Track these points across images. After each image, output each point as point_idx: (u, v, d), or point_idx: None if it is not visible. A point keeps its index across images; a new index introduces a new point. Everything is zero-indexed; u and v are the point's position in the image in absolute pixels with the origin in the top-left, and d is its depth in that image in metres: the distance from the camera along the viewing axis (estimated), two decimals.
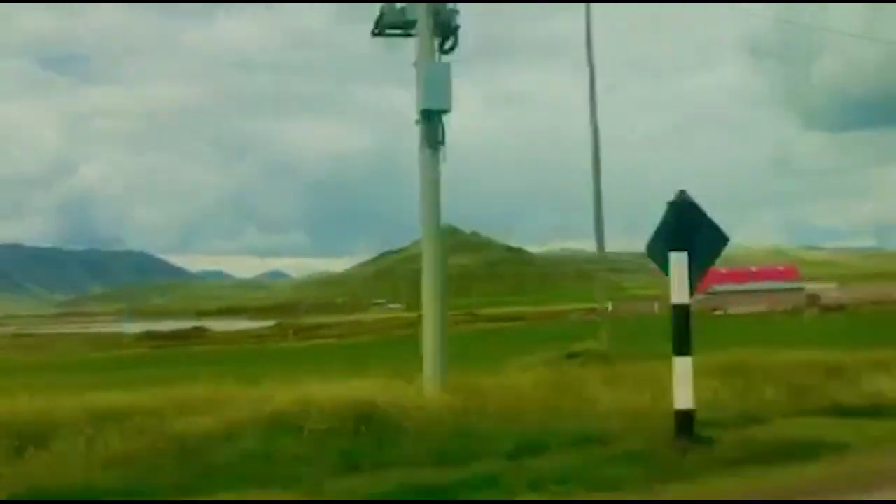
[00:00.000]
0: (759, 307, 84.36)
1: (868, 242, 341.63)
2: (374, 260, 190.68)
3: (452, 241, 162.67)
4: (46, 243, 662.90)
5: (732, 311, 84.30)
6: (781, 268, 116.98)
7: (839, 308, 77.32)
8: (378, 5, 10.50)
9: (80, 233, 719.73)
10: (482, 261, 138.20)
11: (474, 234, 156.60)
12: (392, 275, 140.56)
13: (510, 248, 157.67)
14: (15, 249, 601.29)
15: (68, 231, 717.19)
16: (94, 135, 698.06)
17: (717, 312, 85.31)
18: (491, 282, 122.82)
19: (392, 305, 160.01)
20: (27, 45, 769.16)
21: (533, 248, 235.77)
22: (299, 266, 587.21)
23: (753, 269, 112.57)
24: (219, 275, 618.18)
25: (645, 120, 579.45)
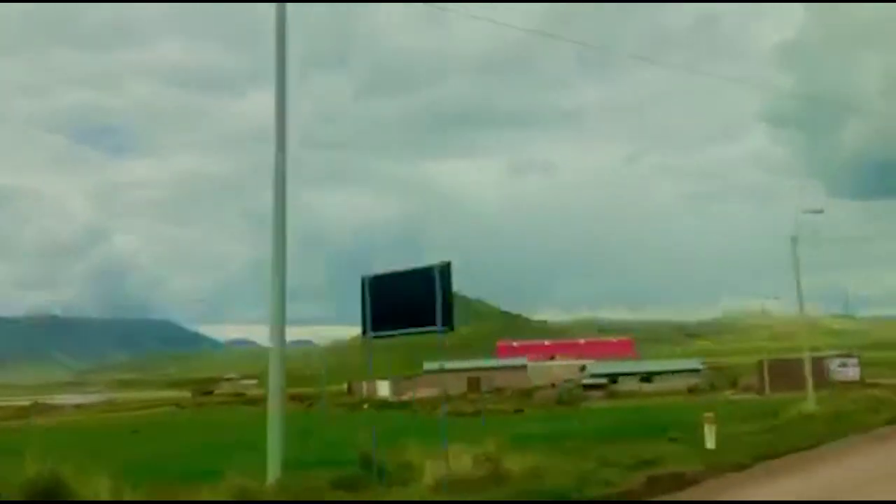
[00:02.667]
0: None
1: None
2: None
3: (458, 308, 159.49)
4: (76, 313, 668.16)
5: (421, 394, 77.81)
6: (615, 341, 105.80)
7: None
8: None
9: (109, 302, 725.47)
10: (481, 330, 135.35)
11: (479, 301, 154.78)
12: (398, 343, 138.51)
13: (510, 317, 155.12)
14: (44, 319, 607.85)
15: (97, 301, 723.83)
16: (126, 206, 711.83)
17: (404, 398, 77.40)
18: (485, 351, 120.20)
19: (245, 381, 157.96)
20: (62, 118, 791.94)
21: (541, 317, 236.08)
22: (328, 334, 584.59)
23: (581, 341, 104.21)
24: (246, 343, 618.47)
25: (669, 188, 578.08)
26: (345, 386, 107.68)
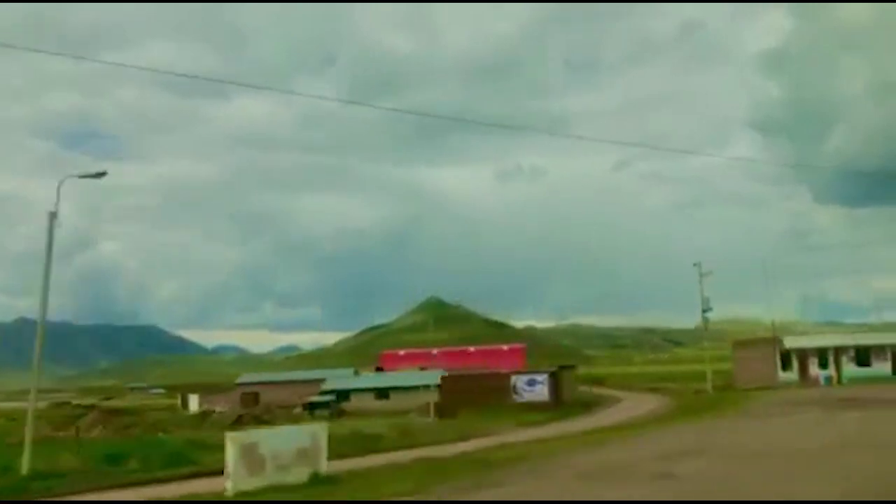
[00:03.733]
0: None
1: (891, 317, 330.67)
2: (356, 336, 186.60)
3: (437, 314, 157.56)
4: (62, 318, 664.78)
5: (220, 408, 68.14)
6: (506, 349, 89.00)
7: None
8: None
9: (96, 308, 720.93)
10: (459, 335, 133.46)
11: (458, 306, 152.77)
12: (367, 350, 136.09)
13: (490, 323, 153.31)
14: (28, 324, 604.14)
15: (84, 306, 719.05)
16: (112, 211, 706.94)
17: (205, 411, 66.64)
18: None
19: (154, 390, 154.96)
20: (49, 123, 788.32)
21: (518, 324, 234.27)
22: (313, 340, 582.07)
23: (471, 349, 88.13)
24: (234, 349, 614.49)
25: (658, 195, 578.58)
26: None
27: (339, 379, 76.08)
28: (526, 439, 30.58)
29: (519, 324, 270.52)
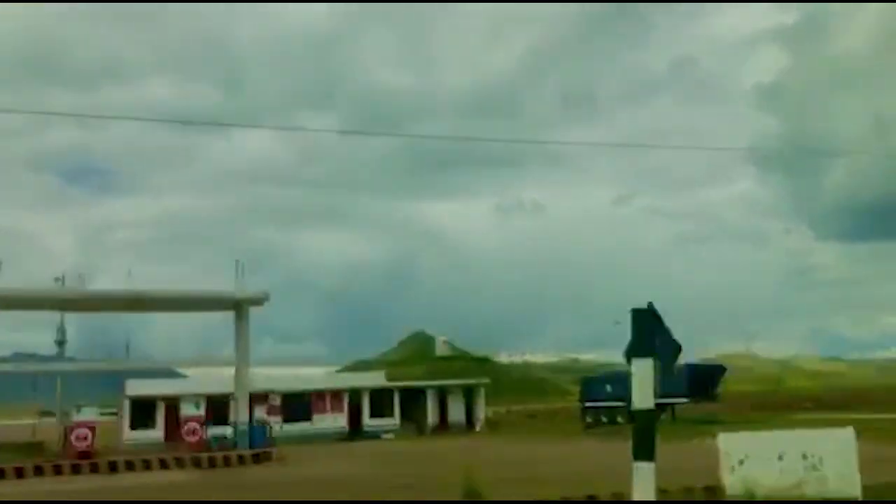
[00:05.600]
0: None
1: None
2: (339, 371, 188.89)
3: (421, 349, 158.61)
4: (59, 353, 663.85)
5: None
6: None
7: None
8: None
9: (93, 343, 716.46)
10: (437, 370, 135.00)
11: (446, 343, 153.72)
12: None
13: (471, 358, 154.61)
14: (28, 360, 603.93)
15: (81, 341, 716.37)
16: (111, 246, 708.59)
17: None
18: None
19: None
20: (49, 157, 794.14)
21: (506, 359, 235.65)
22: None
23: None
24: None
25: (658, 229, 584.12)
26: None
27: None
28: None
29: (517, 359, 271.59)
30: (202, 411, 40.06)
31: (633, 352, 8.50)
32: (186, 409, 40.27)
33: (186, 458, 29.46)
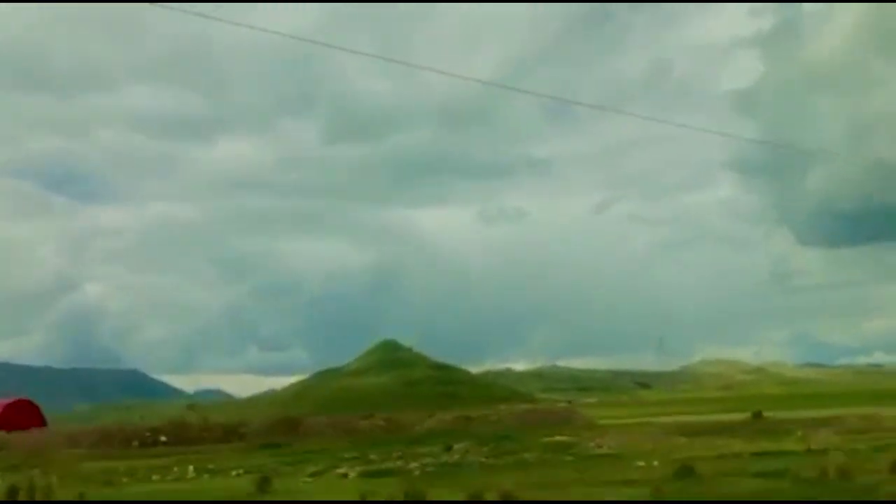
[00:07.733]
0: None
1: (881, 359, 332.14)
2: (310, 378, 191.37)
3: (388, 357, 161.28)
4: (43, 361, 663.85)
5: None
6: (10, 400, 71.05)
7: None
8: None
9: (78, 351, 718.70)
10: (401, 379, 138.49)
11: (410, 350, 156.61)
12: (315, 392, 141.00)
13: (436, 366, 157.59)
14: (7, 367, 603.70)
15: (66, 349, 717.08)
16: (94, 254, 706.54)
17: None
18: (406, 400, 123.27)
19: None
20: (31, 165, 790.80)
21: (485, 368, 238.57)
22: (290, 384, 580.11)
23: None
24: (215, 393, 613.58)
25: (640, 235, 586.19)
26: None
27: None
28: None
29: (499, 367, 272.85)
30: None
31: None
32: None
33: None
